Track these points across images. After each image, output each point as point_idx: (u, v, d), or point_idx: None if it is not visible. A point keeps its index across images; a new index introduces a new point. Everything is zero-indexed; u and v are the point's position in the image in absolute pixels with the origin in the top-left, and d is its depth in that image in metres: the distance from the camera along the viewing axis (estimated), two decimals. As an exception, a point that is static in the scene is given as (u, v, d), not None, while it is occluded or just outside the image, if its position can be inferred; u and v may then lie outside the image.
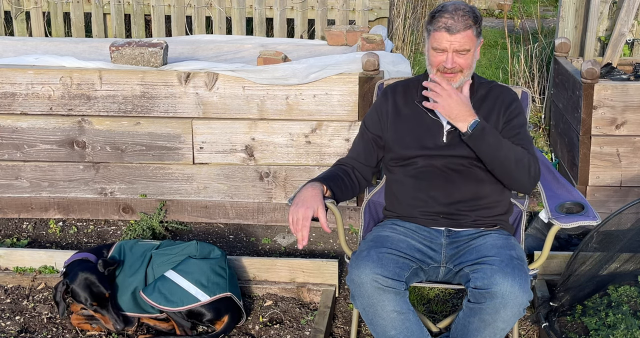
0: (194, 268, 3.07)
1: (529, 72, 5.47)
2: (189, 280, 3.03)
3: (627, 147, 3.91)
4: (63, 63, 3.99)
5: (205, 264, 3.09)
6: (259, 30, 5.80)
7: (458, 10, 2.60)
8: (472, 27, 2.60)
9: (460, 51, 2.60)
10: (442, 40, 2.60)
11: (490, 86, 2.79)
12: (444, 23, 2.59)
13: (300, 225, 2.48)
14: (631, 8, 4.79)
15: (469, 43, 2.61)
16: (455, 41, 2.59)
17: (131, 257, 3.16)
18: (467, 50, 2.61)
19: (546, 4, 9.31)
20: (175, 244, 3.21)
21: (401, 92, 2.81)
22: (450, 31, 2.58)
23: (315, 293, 3.35)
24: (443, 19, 2.59)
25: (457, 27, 2.58)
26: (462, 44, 2.59)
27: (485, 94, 2.76)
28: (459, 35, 2.58)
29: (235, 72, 3.86)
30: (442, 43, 2.61)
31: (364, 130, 2.84)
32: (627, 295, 3.09)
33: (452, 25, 2.58)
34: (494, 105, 2.74)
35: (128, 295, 3.06)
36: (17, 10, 6.02)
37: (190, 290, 3.01)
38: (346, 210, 4.01)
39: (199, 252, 3.15)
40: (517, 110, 2.74)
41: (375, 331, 2.56)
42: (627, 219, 3.07)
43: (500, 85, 2.82)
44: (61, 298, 2.98)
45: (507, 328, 2.50)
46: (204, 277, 3.05)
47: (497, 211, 2.75)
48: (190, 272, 3.05)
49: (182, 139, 3.98)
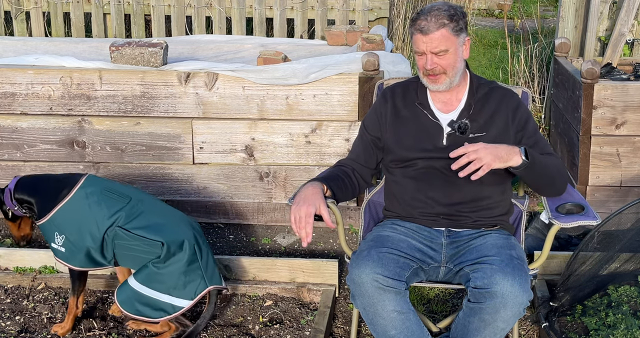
0: (161, 278, 2.89)
1: (529, 72, 5.47)
2: (160, 291, 2.89)
3: (627, 147, 3.91)
4: (63, 63, 3.99)
5: (174, 268, 2.90)
6: (259, 30, 5.80)
7: (433, 11, 2.58)
8: (446, 26, 2.57)
9: (436, 53, 2.59)
10: (419, 43, 2.60)
11: (490, 86, 2.77)
12: (418, 25, 2.58)
13: (304, 222, 2.47)
14: (631, 8, 4.79)
15: (444, 43, 2.58)
16: (429, 42, 2.57)
17: (97, 211, 2.95)
18: (443, 50, 2.58)
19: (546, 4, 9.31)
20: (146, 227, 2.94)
21: (400, 94, 2.80)
22: (424, 32, 2.57)
23: (315, 293, 3.35)
24: (418, 21, 2.59)
25: (430, 27, 2.56)
26: (437, 44, 2.57)
27: (486, 94, 2.75)
28: (432, 35, 2.56)
29: (235, 72, 3.87)
30: (419, 45, 2.60)
31: (363, 131, 2.84)
32: (627, 295, 3.09)
33: (425, 26, 2.57)
34: (498, 108, 2.72)
35: (82, 254, 2.94)
36: (17, 10, 6.02)
37: (165, 299, 2.89)
38: (346, 210, 4.01)
39: (165, 252, 2.90)
40: (525, 114, 2.74)
41: (376, 331, 2.56)
42: (627, 219, 3.07)
43: (501, 87, 2.80)
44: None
45: (507, 328, 2.50)
46: (177, 282, 2.90)
47: (498, 212, 2.75)
48: (160, 282, 2.89)
49: (182, 139, 3.98)
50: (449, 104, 2.73)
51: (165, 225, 2.98)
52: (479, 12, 9.69)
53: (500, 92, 2.76)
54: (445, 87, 2.66)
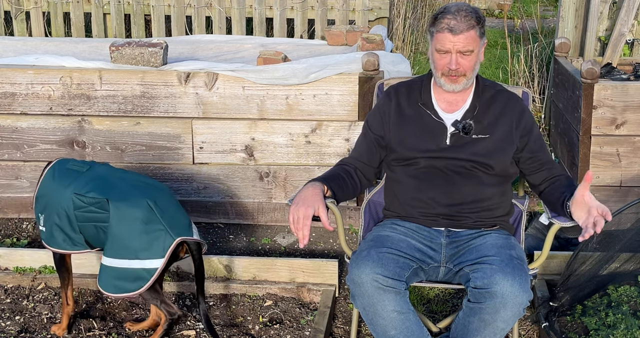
0: (123, 243, 2.83)
1: (529, 72, 5.47)
2: (128, 258, 2.82)
3: (627, 147, 3.91)
4: (63, 63, 3.99)
5: (131, 229, 2.83)
6: (259, 30, 5.80)
7: (461, 11, 2.58)
8: (475, 27, 2.59)
9: (464, 52, 2.59)
10: (446, 42, 2.59)
11: (495, 89, 2.78)
12: (446, 24, 2.58)
13: (301, 224, 2.48)
14: (631, 8, 4.79)
15: (472, 44, 2.59)
16: (458, 42, 2.58)
17: (59, 184, 2.97)
18: (470, 51, 2.60)
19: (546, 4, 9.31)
20: (97, 189, 2.92)
21: (404, 93, 2.80)
22: (454, 32, 2.57)
23: (315, 293, 3.35)
24: (446, 20, 2.58)
25: (460, 27, 2.56)
26: (466, 44, 2.58)
27: (491, 97, 2.75)
28: (462, 35, 2.57)
29: (235, 72, 3.87)
30: (446, 44, 2.59)
31: (366, 130, 2.84)
32: (627, 295, 3.09)
33: (455, 26, 2.57)
34: (503, 111, 2.72)
35: (57, 233, 2.95)
36: (17, 10, 6.02)
37: (136, 264, 2.82)
38: (346, 210, 4.01)
39: (113, 210, 2.85)
40: (530, 119, 2.75)
41: (376, 331, 2.56)
42: (627, 219, 3.08)
43: (506, 90, 2.81)
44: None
45: (507, 328, 2.50)
46: (140, 244, 2.82)
47: (499, 213, 2.75)
48: (124, 248, 2.82)
49: (182, 138, 3.98)
50: (454, 104, 2.73)
51: (117, 186, 2.95)
52: (479, 12, 9.68)
53: (506, 95, 2.77)
54: (462, 88, 2.67)
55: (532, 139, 2.72)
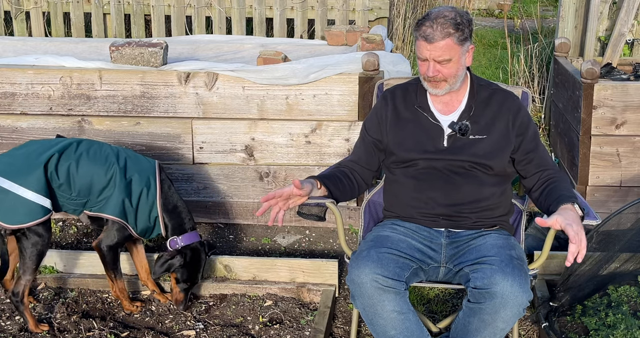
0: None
1: (529, 72, 5.47)
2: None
3: (627, 147, 3.91)
4: (63, 63, 3.99)
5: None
6: (259, 30, 5.80)
7: (439, 18, 2.55)
8: (452, 36, 2.55)
9: (439, 61, 2.58)
10: (423, 50, 2.59)
11: (491, 89, 2.77)
12: (423, 31, 2.56)
13: (271, 195, 2.47)
14: (631, 8, 4.80)
15: (448, 52, 2.56)
16: (433, 50, 2.56)
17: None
18: (447, 60, 2.57)
19: (546, 4, 9.31)
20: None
21: (400, 96, 2.80)
22: (428, 40, 2.55)
23: (315, 293, 3.35)
24: (423, 28, 2.57)
25: (435, 36, 2.54)
26: (441, 53, 2.56)
27: (487, 97, 2.74)
28: (437, 44, 2.55)
29: (235, 72, 3.87)
30: (423, 52, 2.59)
31: (364, 133, 2.84)
32: (627, 295, 3.09)
33: (430, 34, 2.54)
34: (499, 111, 2.72)
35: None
36: (17, 10, 6.02)
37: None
38: (346, 210, 4.01)
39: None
40: (526, 118, 2.73)
41: (375, 331, 2.56)
42: (627, 219, 3.07)
43: (502, 89, 2.79)
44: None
45: (507, 328, 2.50)
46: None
47: (499, 213, 2.74)
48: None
49: (182, 139, 3.98)
50: (450, 105, 2.73)
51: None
52: (479, 12, 9.70)
53: (502, 94, 2.76)
54: (445, 92, 2.67)
55: (527, 139, 2.71)
